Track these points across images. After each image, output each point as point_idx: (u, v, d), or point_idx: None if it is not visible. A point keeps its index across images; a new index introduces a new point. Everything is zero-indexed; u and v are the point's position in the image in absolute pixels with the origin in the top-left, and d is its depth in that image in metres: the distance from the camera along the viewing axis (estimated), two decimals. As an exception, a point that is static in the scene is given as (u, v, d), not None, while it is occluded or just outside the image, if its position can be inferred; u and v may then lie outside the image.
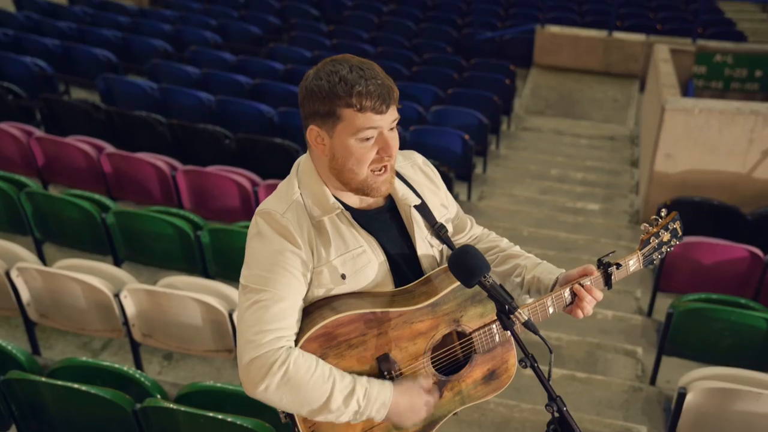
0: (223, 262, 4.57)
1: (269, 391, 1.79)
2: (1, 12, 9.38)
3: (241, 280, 1.94)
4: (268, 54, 8.80)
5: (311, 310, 1.96)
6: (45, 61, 7.58)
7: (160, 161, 5.38)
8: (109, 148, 5.52)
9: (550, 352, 1.89)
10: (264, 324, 1.84)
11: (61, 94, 6.84)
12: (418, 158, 2.26)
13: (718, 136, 6.11)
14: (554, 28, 10.53)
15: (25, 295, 3.97)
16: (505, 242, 2.33)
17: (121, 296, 3.75)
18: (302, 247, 1.91)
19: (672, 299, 4.35)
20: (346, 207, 2.01)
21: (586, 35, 10.44)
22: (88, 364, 3.16)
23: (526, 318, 1.87)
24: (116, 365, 3.13)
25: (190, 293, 3.66)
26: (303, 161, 2.06)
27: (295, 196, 1.98)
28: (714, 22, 11.86)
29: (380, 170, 1.93)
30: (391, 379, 1.94)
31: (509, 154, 8.13)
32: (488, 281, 1.89)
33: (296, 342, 1.89)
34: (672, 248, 2.33)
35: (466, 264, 1.92)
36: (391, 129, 1.92)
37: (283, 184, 2.05)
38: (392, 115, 1.90)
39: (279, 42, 9.65)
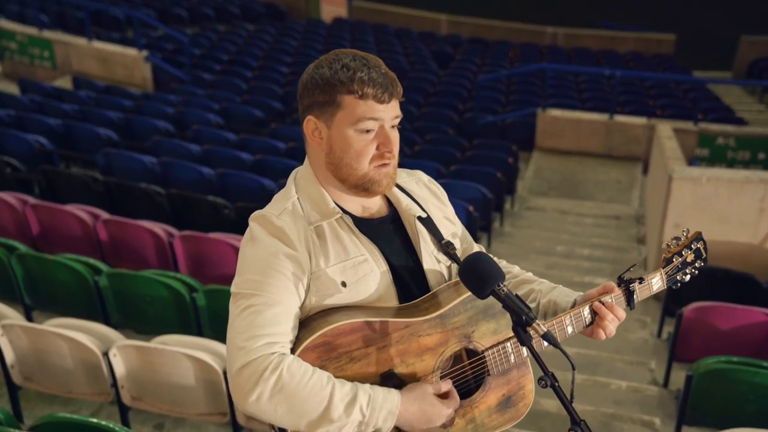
0: (220, 326, 4.37)
1: (262, 401, 1.60)
2: (5, 95, 9.48)
3: (232, 288, 1.78)
4: (270, 133, 8.82)
5: (308, 321, 1.78)
6: (46, 138, 7.57)
7: (158, 228, 5.25)
8: (106, 215, 5.40)
9: (573, 368, 1.70)
10: (256, 329, 1.68)
11: (60, 167, 6.78)
12: (423, 176, 2.14)
13: (728, 205, 6.00)
14: (555, 112, 10.61)
15: (9, 356, 3.77)
16: (517, 269, 2.18)
17: (110, 354, 3.54)
18: (299, 250, 1.76)
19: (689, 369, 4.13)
20: (347, 213, 1.87)
21: (588, 118, 10.50)
22: (72, 420, 2.93)
23: (545, 330, 1.69)
24: (103, 422, 2.90)
25: (182, 349, 3.46)
26: (301, 168, 1.94)
27: (292, 200, 1.86)
28: (713, 108, 11.97)
29: (381, 166, 1.81)
30: None
31: (513, 231, 8.01)
32: (503, 290, 1.73)
33: (292, 352, 1.70)
34: (697, 271, 2.17)
35: (479, 271, 1.75)
36: (393, 127, 1.82)
37: (279, 192, 1.92)
38: (394, 109, 1.80)
39: (281, 123, 9.69)
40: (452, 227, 2.06)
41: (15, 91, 10.25)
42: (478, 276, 1.75)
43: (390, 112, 1.78)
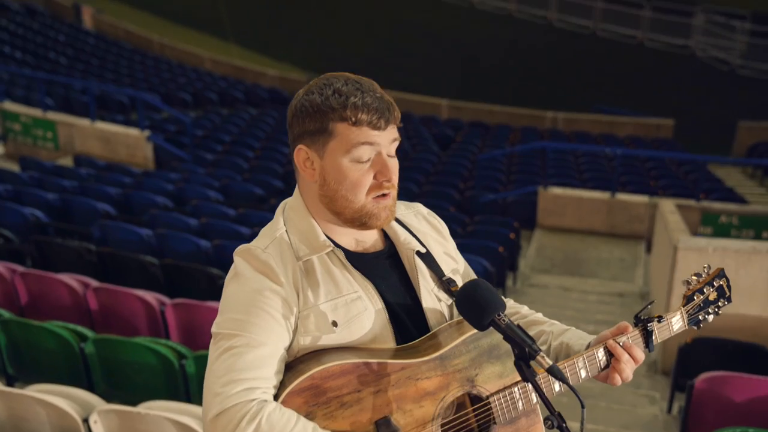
0: (209, 394, 4.17)
1: None
2: (5, 171, 9.47)
3: (213, 328, 1.63)
4: (270, 208, 8.74)
5: (295, 364, 1.62)
6: (43, 212, 7.50)
7: (149, 296, 5.10)
8: (96, 284, 5.27)
9: (582, 407, 1.55)
10: (235, 373, 1.52)
11: (53, 238, 6.67)
12: (423, 209, 2.01)
13: (735, 276, 5.83)
14: (557, 190, 10.57)
15: (-16, 424, 3.57)
16: (526, 309, 2.04)
17: (91, 421, 3.35)
18: (285, 286, 1.62)
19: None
20: (339, 247, 1.74)
21: (589, 197, 10.45)
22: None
23: (550, 363, 1.54)
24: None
25: (167, 414, 3.26)
26: (290, 199, 1.82)
27: (279, 233, 1.71)
28: (715, 189, 11.95)
29: (380, 197, 1.68)
30: None
31: (516, 307, 7.83)
32: (503, 320, 1.58)
33: (276, 398, 1.53)
34: (719, 311, 2.02)
35: (478, 299, 1.61)
36: (391, 155, 1.69)
37: (266, 226, 1.80)
38: (392, 134, 1.67)
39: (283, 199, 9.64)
40: (453, 263, 1.93)
41: (16, 169, 10.25)
42: (476, 304, 1.61)
43: (387, 137, 1.67)
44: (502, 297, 1.72)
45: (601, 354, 1.79)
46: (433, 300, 1.80)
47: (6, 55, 17.52)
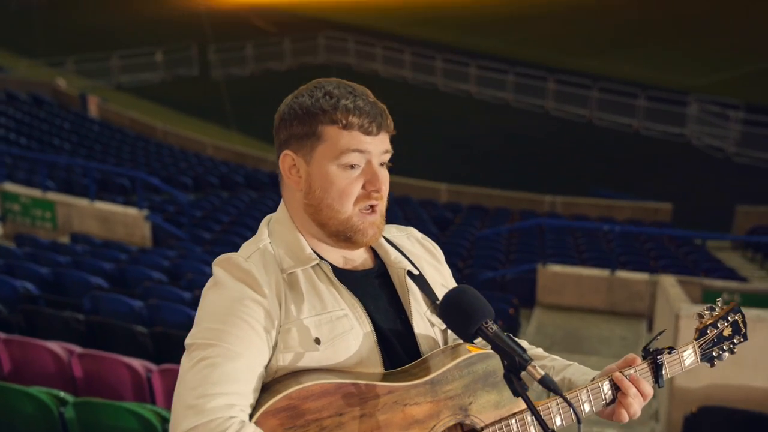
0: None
1: None
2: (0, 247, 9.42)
3: (187, 340, 1.52)
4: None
5: (272, 384, 1.48)
6: (35, 284, 7.40)
7: (135, 362, 4.96)
8: (81, 350, 5.13)
9: (579, 422, 1.44)
10: (210, 386, 1.39)
11: (41, 308, 6.56)
12: (417, 233, 1.92)
13: (740, 346, 5.68)
14: (556, 267, 10.48)
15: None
16: (525, 343, 1.92)
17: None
18: (268, 297, 1.51)
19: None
20: (326, 262, 1.65)
21: (589, 274, 10.36)
22: None
23: (543, 374, 1.44)
24: None
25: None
26: (275, 213, 1.74)
27: (263, 244, 1.62)
28: (715, 268, 11.86)
29: (367, 210, 1.59)
30: None
31: (516, 384, 7.63)
32: (491, 328, 1.49)
33: (249, 418, 1.40)
34: (735, 348, 1.89)
35: (463, 306, 1.52)
36: (382, 164, 1.62)
37: (250, 239, 1.71)
38: (383, 143, 1.60)
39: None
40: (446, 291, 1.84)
41: (10, 243, 10.20)
42: (462, 311, 1.51)
43: (378, 145, 1.59)
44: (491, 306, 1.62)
45: (606, 387, 1.68)
46: (425, 324, 1.70)
47: (11, 141, 17.74)
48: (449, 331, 1.73)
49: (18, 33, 37.13)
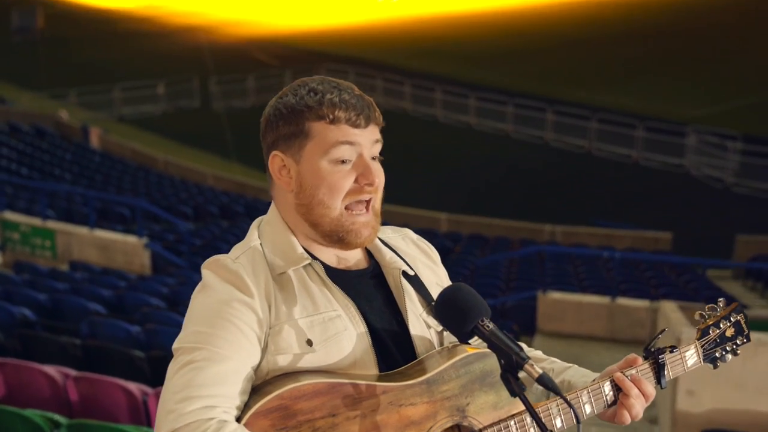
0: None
1: None
2: (-1, 274, 9.40)
3: (174, 345, 1.50)
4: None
5: (262, 386, 1.46)
6: (32, 310, 7.37)
7: (131, 385, 4.92)
8: (76, 373, 5.09)
9: (578, 422, 1.41)
10: (193, 389, 1.37)
11: (38, 332, 6.53)
12: (412, 234, 1.89)
13: (742, 370, 5.65)
14: (557, 294, 10.45)
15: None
16: (524, 346, 1.90)
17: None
18: (256, 298, 1.48)
19: None
20: (318, 261, 1.63)
21: (589, 301, 10.32)
22: None
23: (540, 372, 1.41)
24: None
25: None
26: (266, 215, 1.73)
27: (253, 244, 1.59)
28: (717, 296, 11.76)
29: (359, 207, 1.57)
30: None
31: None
32: (487, 326, 1.46)
33: (238, 420, 1.37)
34: (738, 350, 1.87)
35: (459, 304, 1.49)
36: (375, 158, 1.60)
37: (240, 242, 1.70)
38: (373, 134, 1.58)
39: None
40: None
41: (8, 271, 10.18)
42: (458, 308, 1.49)
43: (368, 137, 1.58)
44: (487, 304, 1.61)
45: (607, 388, 1.65)
46: (421, 325, 1.67)
47: (12, 171, 17.80)
48: (445, 333, 1.71)
49: (21, 66, 37.45)
